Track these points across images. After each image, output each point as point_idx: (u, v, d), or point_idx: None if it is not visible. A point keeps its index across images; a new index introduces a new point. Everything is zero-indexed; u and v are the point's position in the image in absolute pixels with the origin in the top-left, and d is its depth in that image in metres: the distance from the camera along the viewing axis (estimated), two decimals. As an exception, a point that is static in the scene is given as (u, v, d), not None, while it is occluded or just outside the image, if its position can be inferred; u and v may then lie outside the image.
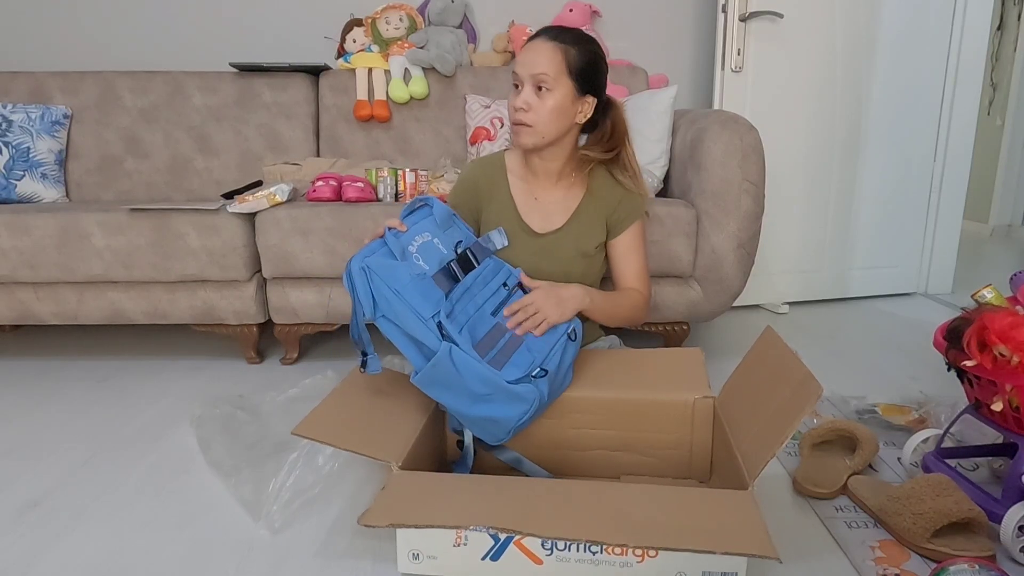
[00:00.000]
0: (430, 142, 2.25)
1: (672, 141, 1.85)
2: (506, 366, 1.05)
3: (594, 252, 1.37)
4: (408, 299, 1.01)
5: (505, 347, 1.09)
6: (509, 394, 1.02)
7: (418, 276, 1.05)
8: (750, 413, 1.02)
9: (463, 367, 1.00)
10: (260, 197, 1.66)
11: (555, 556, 0.87)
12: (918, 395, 1.53)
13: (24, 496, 1.17)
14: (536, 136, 1.25)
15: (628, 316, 1.37)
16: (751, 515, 0.83)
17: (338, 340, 2.03)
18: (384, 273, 1.02)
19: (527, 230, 1.35)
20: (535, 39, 1.24)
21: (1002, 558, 0.96)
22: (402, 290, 1.02)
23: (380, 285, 1.02)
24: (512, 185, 1.37)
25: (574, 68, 1.23)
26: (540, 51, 1.22)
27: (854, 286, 2.44)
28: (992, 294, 1.12)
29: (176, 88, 2.22)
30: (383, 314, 1.02)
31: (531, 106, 1.23)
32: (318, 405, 1.05)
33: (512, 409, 1.03)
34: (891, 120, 2.32)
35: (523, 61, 1.24)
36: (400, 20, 2.28)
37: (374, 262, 1.03)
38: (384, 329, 1.03)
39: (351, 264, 1.03)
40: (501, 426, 1.05)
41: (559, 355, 1.12)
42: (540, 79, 1.21)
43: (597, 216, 1.36)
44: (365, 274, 1.01)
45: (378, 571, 0.95)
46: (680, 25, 2.44)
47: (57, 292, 1.72)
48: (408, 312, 1.00)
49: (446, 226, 1.19)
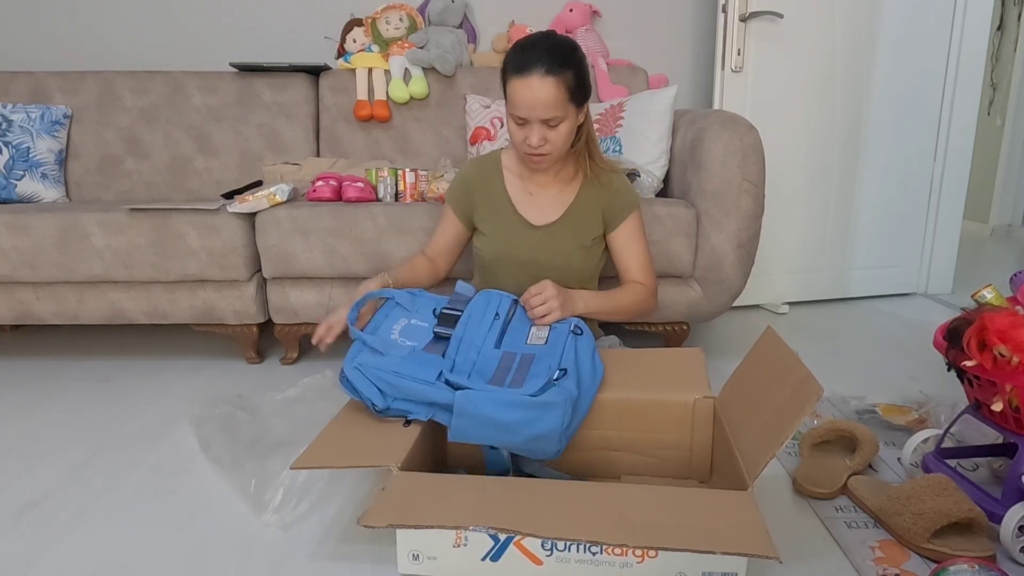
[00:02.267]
0: (430, 142, 2.25)
1: (672, 141, 1.85)
2: (526, 382, 1.04)
3: (591, 244, 1.38)
4: (409, 374, 1.04)
5: (519, 368, 1.09)
6: (539, 406, 1.00)
7: (409, 354, 1.09)
8: (750, 413, 1.02)
9: (484, 403, 0.99)
10: (260, 197, 1.66)
11: (555, 557, 0.87)
12: (918, 395, 1.53)
13: (24, 496, 1.17)
14: (555, 158, 1.30)
15: (633, 310, 1.36)
16: (751, 515, 0.83)
17: (338, 340, 2.02)
18: (378, 363, 1.06)
19: (524, 223, 1.37)
20: (530, 75, 1.18)
21: (1002, 558, 0.96)
22: (400, 370, 1.05)
23: (378, 375, 1.05)
24: (507, 181, 1.39)
25: (573, 90, 1.22)
26: (542, 92, 1.18)
27: (854, 286, 2.44)
28: (992, 294, 1.12)
29: (176, 88, 2.22)
30: (394, 398, 1.05)
31: (547, 139, 1.24)
32: (315, 438, 1.03)
33: (549, 419, 1.00)
34: (891, 120, 2.32)
35: (527, 104, 1.20)
36: (400, 20, 2.27)
37: (363, 360, 1.07)
38: (402, 409, 1.06)
39: (344, 369, 1.08)
40: (549, 440, 1.01)
41: (572, 352, 1.13)
42: (549, 121, 1.22)
43: (593, 209, 1.37)
44: (360, 371, 1.06)
45: (378, 572, 0.95)
46: (680, 25, 2.44)
47: (57, 292, 1.72)
48: (414, 384, 1.03)
49: (413, 305, 1.22)
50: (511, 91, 1.22)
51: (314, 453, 0.99)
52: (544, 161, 1.29)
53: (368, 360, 1.07)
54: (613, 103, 2.00)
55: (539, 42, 1.22)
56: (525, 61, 1.19)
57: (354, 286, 1.70)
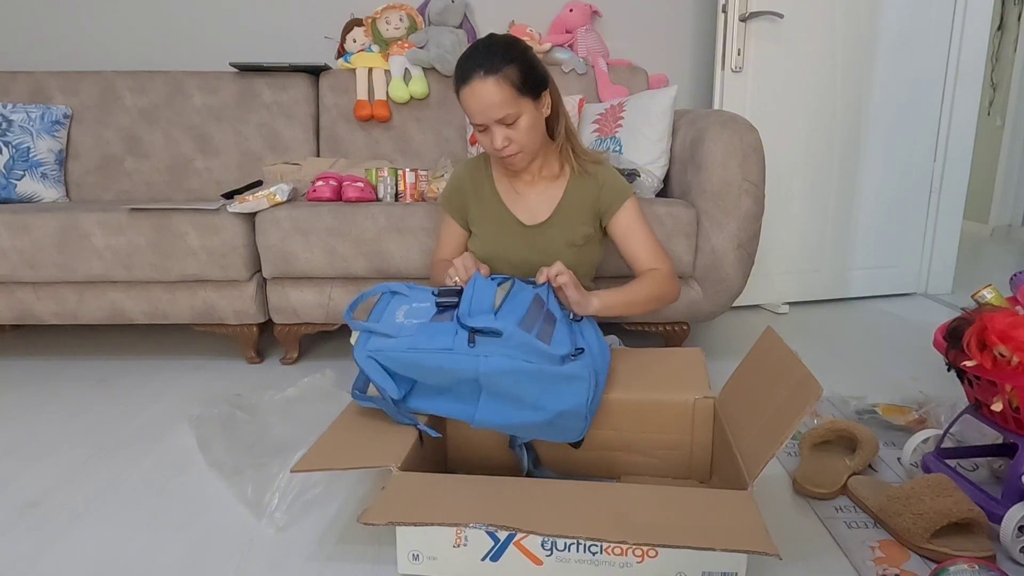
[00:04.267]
0: (430, 142, 2.25)
1: (672, 141, 1.85)
2: (553, 342, 1.02)
3: (582, 243, 1.38)
4: (425, 347, 0.99)
5: (544, 325, 1.06)
6: (564, 378, 0.98)
7: (418, 327, 1.04)
8: (750, 413, 1.02)
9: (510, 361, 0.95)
10: (260, 197, 1.66)
11: (555, 557, 0.87)
12: (918, 395, 1.53)
13: (24, 496, 1.17)
14: (528, 155, 1.30)
15: (653, 297, 1.32)
16: (751, 514, 0.83)
17: (338, 340, 2.03)
18: (387, 347, 1.02)
19: (515, 222, 1.38)
20: (472, 82, 1.19)
21: (1002, 558, 0.96)
22: (415, 345, 1.00)
23: (393, 357, 1.01)
24: (497, 181, 1.41)
25: (520, 84, 1.21)
26: (486, 94, 1.19)
27: (854, 286, 2.44)
28: (992, 294, 1.12)
29: (176, 88, 2.22)
30: (409, 390, 1.03)
31: (511, 139, 1.24)
32: (316, 441, 1.03)
33: (575, 393, 0.98)
34: (891, 120, 2.32)
35: (477, 110, 1.21)
36: (400, 20, 2.28)
37: (375, 345, 1.03)
38: (418, 408, 1.04)
39: (355, 356, 1.04)
40: (575, 416, 0.99)
41: (579, 334, 1.13)
42: (504, 120, 1.22)
43: (582, 207, 1.37)
44: (374, 360, 1.02)
45: (378, 572, 0.95)
46: (680, 25, 2.44)
47: (57, 292, 1.72)
48: (433, 355, 0.98)
49: (411, 291, 1.18)
50: (462, 103, 1.23)
51: (314, 456, 0.99)
52: (518, 160, 1.29)
53: (380, 344, 1.03)
54: (613, 103, 2.00)
55: (475, 48, 1.24)
56: (465, 70, 1.21)
57: (354, 286, 1.71)
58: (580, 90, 2.21)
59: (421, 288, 1.22)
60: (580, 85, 2.23)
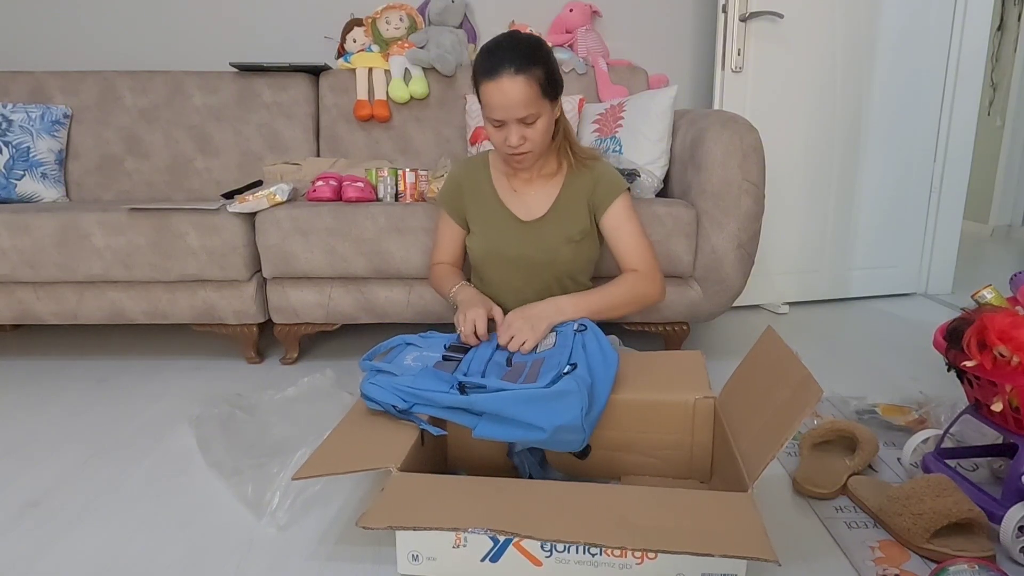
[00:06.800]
0: (430, 142, 2.25)
1: (672, 141, 1.85)
2: (539, 379, 1.05)
3: (579, 238, 1.38)
4: (424, 386, 1.06)
5: (530, 371, 1.10)
6: (555, 397, 0.99)
7: (421, 371, 1.11)
8: (750, 414, 1.02)
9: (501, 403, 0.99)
10: (260, 197, 1.66)
11: (554, 558, 0.87)
12: (918, 395, 1.53)
13: (24, 496, 1.17)
14: (536, 156, 1.32)
15: (631, 300, 1.34)
16: (750, 518, 0.83)
17: (338, 340, 2.03)
18: (393, 380, 1.09)
19: (513, 219, 1.39)
20: (501, 76, 1.19)
21: (1002, 558, 0.96)
22: (414, 385, 1.07)
23: (394, 386, 1.08)
24: (495, 180, 1.42)
25: (545, 86, 1.23)
26: (514, 91, 1.20)
27: (854, 286, 2.44)
28: (992, 294, 1.12)
29: (176, 88, 2.22)
30: (413, 403, 1.06)
31: (527, 138, 1.26)
32: (317, 448, 1.03)
33: (568, 407, 0.99)
34: (891, 120, 2.32)
35: (501, 105, 1.21)
36: (400, 20, 2.27)
37: (378, 379, 1.11)
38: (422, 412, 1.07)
39: (362, 387, 1.11)
40: (573, 429, 1.00)
41: (580, 348, 1.14)
42: (525, 119, 1.23)
43: (579, 200, 1.38)
44: (376, 385, 1.09)
45: (378, 572, 0.95)
46: (680, 25, 2.44)
47: (57, 292, 1.72)
48: (429, 394, 1.05)
49: (425, 342, 1.26)
50: (484, 95, 1.23)
51: (314, 463, 0.99)
52: (526, 159, 1.31)
53: (383, 378, 1.11)
54: (613, 103, 2.00)
55: (504, 43, 1.24)
56: (494, 63, 1.21)
57: (354, 286, 1.71)
58: (580, 90, 2.21)
59: (436, 336, 1.29)
60: (580, 85, 2.23)
